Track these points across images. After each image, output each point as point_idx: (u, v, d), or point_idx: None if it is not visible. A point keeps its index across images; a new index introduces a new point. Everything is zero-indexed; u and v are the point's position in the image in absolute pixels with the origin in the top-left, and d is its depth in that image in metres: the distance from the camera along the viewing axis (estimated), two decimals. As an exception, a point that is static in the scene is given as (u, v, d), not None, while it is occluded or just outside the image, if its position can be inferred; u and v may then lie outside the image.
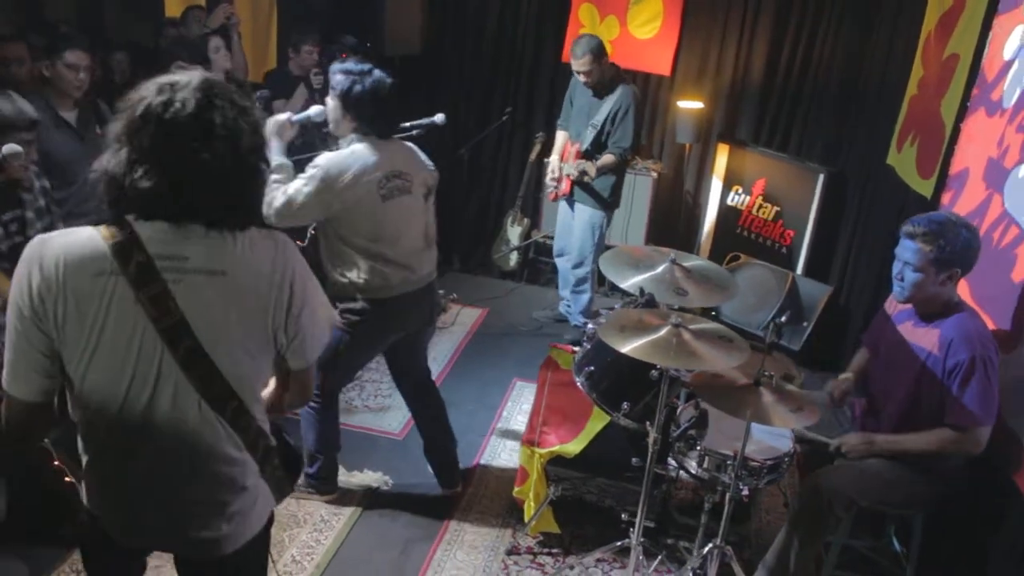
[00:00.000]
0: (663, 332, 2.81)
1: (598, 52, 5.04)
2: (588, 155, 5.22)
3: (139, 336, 1.67)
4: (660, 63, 6.33)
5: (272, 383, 2.01)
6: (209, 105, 1.66)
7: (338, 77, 3.28)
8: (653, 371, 3.01)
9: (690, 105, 6.17)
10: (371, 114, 3.30)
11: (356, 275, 3.37)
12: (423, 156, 3.56)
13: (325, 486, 3.83)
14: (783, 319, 3.69)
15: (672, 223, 6.57)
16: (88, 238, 1.67)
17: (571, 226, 5.56)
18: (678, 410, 3.35)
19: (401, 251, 3.42)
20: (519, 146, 6.80)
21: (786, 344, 5.46)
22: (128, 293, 1.65)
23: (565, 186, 5.38)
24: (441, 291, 6.11)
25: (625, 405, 3.18)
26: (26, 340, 1.69)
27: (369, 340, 3.58)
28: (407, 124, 4.50)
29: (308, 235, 4.09)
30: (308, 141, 5.52)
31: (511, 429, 4.58)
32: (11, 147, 2.87)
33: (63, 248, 1.66)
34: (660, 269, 3.21)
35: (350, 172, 3.22)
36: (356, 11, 6.68)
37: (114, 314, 1.66)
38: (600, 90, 5.19)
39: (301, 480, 3.53)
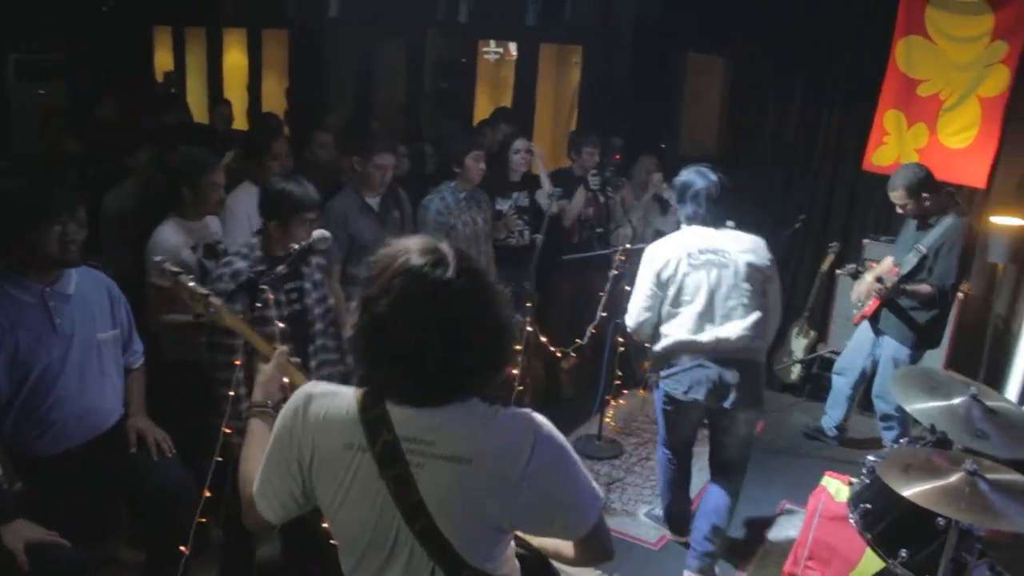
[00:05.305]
0: (953, 479, 2.52)
1: (915, 188, 4.70)
2: (905, 280, 4.82)
3: (379, 505, 1.72)
4: (974, 175, 5.79)
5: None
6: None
7: (682, 175, 3.85)
8: (940, 519, 2.70)
9: (1006, 221, 5.60)
10: (695, 205, 3.76)
11: (664, 339, 3.73)
12: (763, 248, 3.78)
13: (673, 526, 4.28)
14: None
15: (977, 351, 5.91)
16: (346, 407, 1.74)
17: (863, 350, 5.25)
18: (969, 565, 2.97)
19: (704, 318, 3.66)
20: (811, 255, 6.52)
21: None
22: (373, 469, 1.71)
23: (869, 306, 5.05)
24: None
25: (903, 553, 2.86)
26: (279, 468, 1.79)
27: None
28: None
29: None
30: (585, 239, 5.68)
31: (773, 555, 4.27)
32: (321, 232, 3.14)
33: (323, 412, 1.75)
34: (956, 401, 2.90)
35: (664, 246, 3.74)
36: (654, 111, 6.78)
37: (358, 484, 1.72)
38: (924, 220, 4.85)
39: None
